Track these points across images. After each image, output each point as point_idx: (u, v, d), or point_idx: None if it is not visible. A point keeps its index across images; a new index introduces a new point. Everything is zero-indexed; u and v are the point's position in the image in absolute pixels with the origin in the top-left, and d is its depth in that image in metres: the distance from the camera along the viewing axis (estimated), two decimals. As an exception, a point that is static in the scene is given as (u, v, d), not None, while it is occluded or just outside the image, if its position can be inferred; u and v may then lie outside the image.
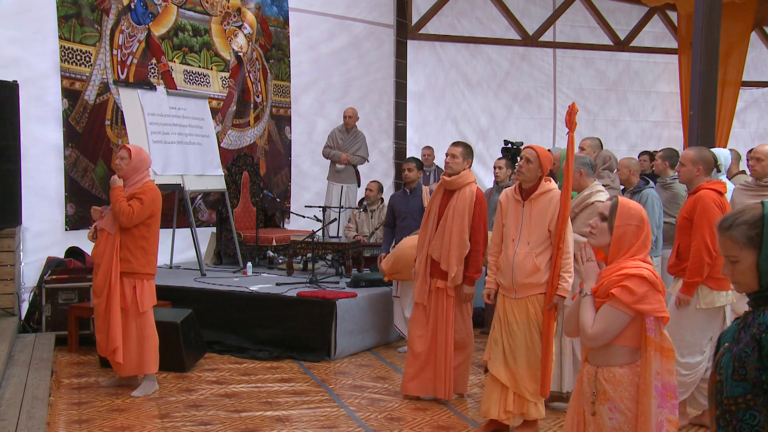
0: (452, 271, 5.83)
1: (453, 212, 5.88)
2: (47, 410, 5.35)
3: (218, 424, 5.43)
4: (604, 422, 3.31)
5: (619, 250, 3.35)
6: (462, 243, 5.85)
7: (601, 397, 3.32)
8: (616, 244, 3.35)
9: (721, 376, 2.40)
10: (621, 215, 3.36)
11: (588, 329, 3.27)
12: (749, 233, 2.41)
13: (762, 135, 14.75)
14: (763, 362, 2.31)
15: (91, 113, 8.89)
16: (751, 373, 2.32)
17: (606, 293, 3.28)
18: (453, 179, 5.92)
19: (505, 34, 13.76)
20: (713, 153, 5.68)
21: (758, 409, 2.30)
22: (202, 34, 10.30)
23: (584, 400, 3.40)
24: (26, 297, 7.93)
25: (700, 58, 8.03)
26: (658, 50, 14.39)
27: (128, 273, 5.90)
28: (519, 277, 5.20)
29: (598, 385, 3.33)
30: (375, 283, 7.97)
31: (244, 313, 7.63)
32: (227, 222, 9.56)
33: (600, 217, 3.41)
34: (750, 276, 2.42)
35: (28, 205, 7.89)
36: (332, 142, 10.65)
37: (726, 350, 2.42)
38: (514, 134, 12.38)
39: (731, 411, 2.37)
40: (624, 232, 3.35)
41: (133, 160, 5.95)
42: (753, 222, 2.42)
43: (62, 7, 8.59)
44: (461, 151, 5.96)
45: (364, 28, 12.60)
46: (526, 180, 5.30)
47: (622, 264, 3.31)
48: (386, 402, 6.03)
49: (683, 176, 5.44)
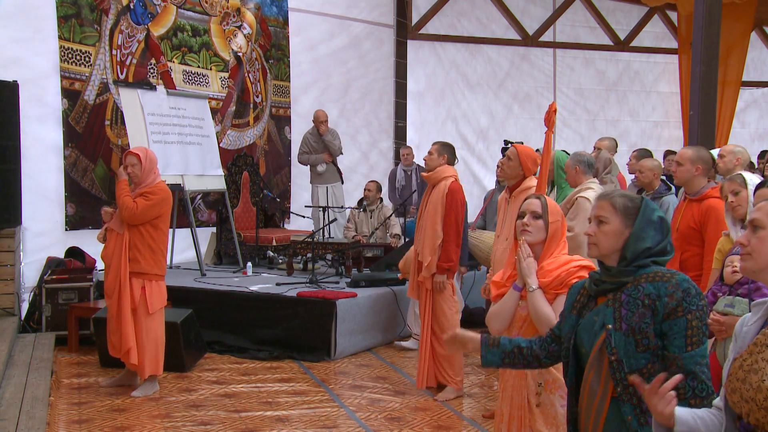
0: (425, 260, 6.05)
1: (429, 206, 6.15)
2: (47, 410, 5.35)
3: (218, 424, 5.43)
4: (556, 410, 3.38)
5: (552, 244, 3.53)
6: (434, 234, 6.07)
7: (551, 386, 3.41)
8: (552, 240, 3.53)
9: (616, 355, 2.57)
10: (552, 212, 3.55)
11: (553, 321, 3.33)
12: (627, 204, 2.69)
13: (762, 135, 14.76)
14: (657, 327, 2.55)
15: (91, 113, 8.89)
16: (653, 340, 2.55)
17: (563, 284, 3.38)
18: (429, 175, 6.22)
19: (505, 34, 13.75)
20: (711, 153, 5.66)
21: (655, 374, 2.41)
22: (201, 35, 10.30)
23: (529, 392, 3.47)
24: (26, 297, 7.93)
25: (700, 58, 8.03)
26: (658, 50, 14.39)
27: (137, 273, 5.89)
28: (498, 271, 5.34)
29: (545, 375, 3.42)
30: (375, 283, 7.98)
31: (244, 313, 7.63)
32: (227, 222, 9.55)
33: (532, 215, 3.55)
34: (611, 241, 2.68)
35: (28, 205, 7.89)
36: (307, 147, 10.58)
37: (612, 331, 2.59)
38: (514, 134, 12.38)
39: None
40: (557, 228, 3.54)
41: (144, 164, 5.93)
42: (633, 198, 2.73)
43: (62, 7, 8.59)
44: (437, 149, 6.25)
45: (364, 28, 12.60)
46: (507, 177, 5.57)
47: (566, 257, 3.50)
48: (386, 402, 6.03)
49: (681, 176, 5.30)
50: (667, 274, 2.62)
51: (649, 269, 2.66)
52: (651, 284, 2.60)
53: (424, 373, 6.14)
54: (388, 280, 8.03)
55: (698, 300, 2.57)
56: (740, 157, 6.10)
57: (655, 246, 2.68)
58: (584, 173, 5.79)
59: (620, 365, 2.58)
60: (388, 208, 9.80)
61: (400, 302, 7.89)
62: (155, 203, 5.88)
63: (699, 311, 2.56)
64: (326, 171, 10.56)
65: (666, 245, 2.72)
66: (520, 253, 3.54)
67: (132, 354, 5.88)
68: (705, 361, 2.56)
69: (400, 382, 6.58)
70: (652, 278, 2.62)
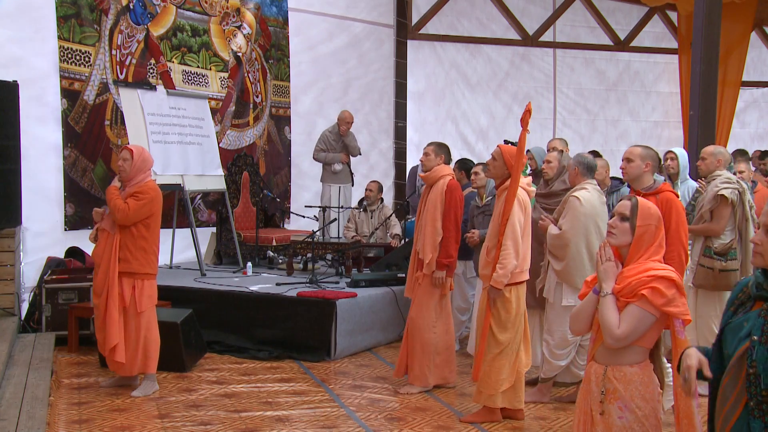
0: (427, 257, 6.13)
1: (428, 204, 6.23)
2: (47, 410, 5.35)
3: (218, 424, 5.42)
4: (614, 421, 3.30)
5: (639, 250, 3.34)
6: (434, 231, 6.15)
7: (611, 396, 3.31)
8: (637, 245, 3.34)
9: (755, 369, 2.43)
10: (642, 215, 3.36)
11: (615, 329, 3.24)
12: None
13: (762, 135, 14.76)
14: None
15: (91, 113, 8.88)
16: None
17: (634, 293, 3.25)
18: (427, 174, 6.33)
19: (505, 34, 13.76)
20: (657, 152, 5.71)
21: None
22: (200, 35, 10.30)
23: (592, 399, 3.39)
24: (26, 297, 7.93)
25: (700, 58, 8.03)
26: (658, 50, 14.39)
27: (127, 273, 5.90)
28: (479, 268, 5.73)
29: (607, 384, 3.33)
30: (375, 283, 7.98)
31: (244, 313, 7.63)
32: (227, 222, 9.55)
33: (620, 216, 3.40)
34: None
35: (28, 205, 7.89)
36: (325, 145, 10.58)
37: (756, 343, 2.45)
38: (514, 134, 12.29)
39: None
40: (645, 232, 3.34)
41: (136, 161, 5.94)
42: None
43: (61, 7, 8.59)
44: (433, 149, 6.37)
45: (364, 28, 12.59)
46: (493, 177, 5.76)
47: (646, 265, 3.30)
48: (386, 402, 6.03)
49: (631, 172, 5.33)
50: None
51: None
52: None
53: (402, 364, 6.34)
54: (388, 280, 8.04)
55: None
56: (721, 158, 6.24)
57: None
58: (583, 175, 5.83)
59: (757, 380, 2.45)
60: (388, 208, 9.80)
61: (400, 302, 7.89)
62: (146, 203, 5.88)
63: None
64: (341, 171, 10.59)
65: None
66: (598, 256, 3.41)
67: (116, 352, 5.88)
68: None
69: (400, 382, 6.58)
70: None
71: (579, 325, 3.47)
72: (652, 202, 5.23)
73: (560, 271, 5.72)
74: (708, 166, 6.26)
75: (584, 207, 5.64)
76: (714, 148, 6.37)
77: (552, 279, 5.83)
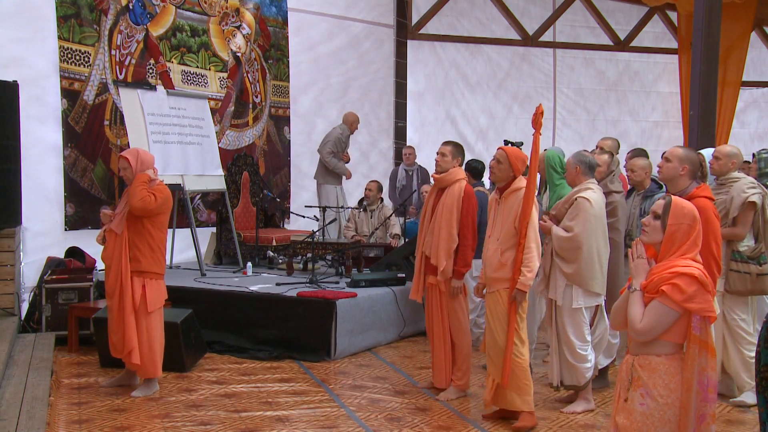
0: (441, 265, 5.96)
1: (442, 208, 6.03)
2: (47, 410, 5.35)
3: (218, 424, 5.42)
4: (635, 407, 3.41)
5: (670, 247, 3.44)
6: (450, 237, 5.96)
7: (635, 383, 3.43)
8: (668, 242, 3.44)
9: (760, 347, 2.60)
10: (674, 214, 3.45)
11: (637, 323, 3.36)
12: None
13: (762, 135, 14.76)
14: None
15: (90, 113, 8.88)
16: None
17: (656, 289, 3.36)
18: (442, 176, 6.10)
19: (505, 34, 13.76)
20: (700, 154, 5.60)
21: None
22: (200, 35, 10.30)
23: (622, 387, 3.52)
24: (26, 297, 7.93)
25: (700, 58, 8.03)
26: (658, 50, 14.39)
27: (137, 272, 5.90)
28: (489, 271, 5.53)
29: (633, 372, 3.45)
30: (375, 283, 7.98)
31: (244, 313, 7.63)
32: (227, 222, 9.55)
33: (653, 215, 3.50)
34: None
35: (28, 205, 7.89)
36: (338, 147, 10.59)
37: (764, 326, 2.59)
38: (514, 134, 12.37)
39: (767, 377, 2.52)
40: (676, 230, 3.44)
41: (135, 166, 5.94)
42: None
43: (61, 7, 8.59)
44: (450, 150, 6.13)
45: (364, 28, 12.60)
46: (498, 179, 5.61)
47: (674, 262, 3.40)
48: (386, 402, 6.02)
49: (667, 172, 5.24)
50: None
51: None
52: None
53: (448, 373, 6.15)
54: (388, 280, 8.03)
55: None
56: (734, 160, 6.09)
57: None
58: (584, 174, 5.77)
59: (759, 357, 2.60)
60: (388, 208, 9.80)
61: (400, 302, 7.89)
62: (162, 202, 5.90)
63: None
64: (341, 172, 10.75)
65: None
66: (631, 253, 3.54)
67: (134, 354, 5.88)
68: None
69: (400, 382, 6.58)
70: None
71: (617, 320, 3.59)
72: None
73: (572, 274, 5.59)
74: (722, 167, 6.07)
75: (594, 209, 5.59)
76: (729, 149, 6.15)
77: (560, 281, 5.69)
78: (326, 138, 10.67)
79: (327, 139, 10.65)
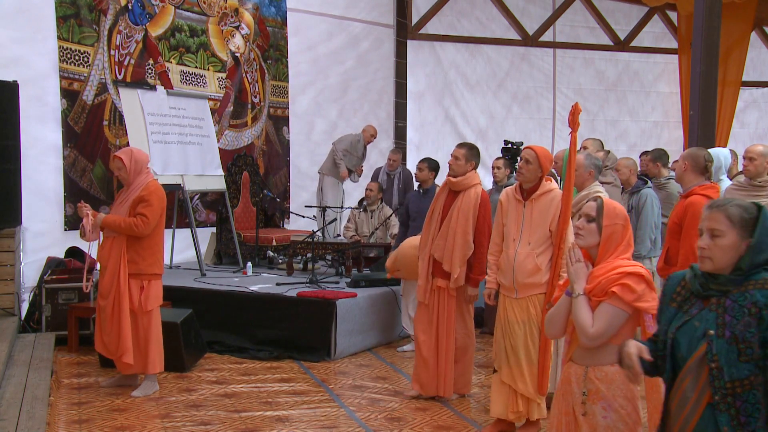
0: (455, 272, 5.81)
1: (457, 213, 5.86)
2: (47, 410, 5.34)
3: (218, 424, 5.42)
4: (598, 421, 3.30)
5: (608, 249, 3.38)
6: (466, 244, 5.83)
7: (594, 397, 3.31)
8: (605, 244, 3.38)
9: (716, 363, 2.50)
10: (608, 215, 3.40)
11: (588, 329, 3.26)
12: (743, 215, 2.58)
13: (761, 135, 14.75)
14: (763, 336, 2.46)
15: (89, 113, 8.88)
16: (757, 351, 2.45)
17: (605, 292, 3.28)
18: (458, 180, 5.91)
19: (505, 34, 13.76)
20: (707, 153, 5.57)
21: (757, 387, 2.46)
22: (199, 35, 10.30)
23: (574, 400, 3.38)
24: (26, 297, 7.92)
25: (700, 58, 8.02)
26: (658, 50, 14.39)
27: (136, 274, 5.89)
28: (520, 277, 5.19)
29: (589, 385, 3.33)
30: (375, 283, 7.97)
31: (244, 313, 7.63)
32: (227, 222, 9.55)
33: (586, 218, 3.43)
34: (728, 255, 2.57)
35: (28, 205, 7.89)
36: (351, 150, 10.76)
37: (713, 338, 2.52)
38: (513, 134, 12.37)
39: (736, 393, 2.48)
40: (612, 232, 3.38)
41: (129, 166, 5.92)
42: (749, 208, 2.60)
43: (61, 8, 8.59)
44: (464, 153, 5.93)
45: (364, 28, 12.59)
46: (527, 180, 5.31)
47: (614, 263, 3.34)
48: (386, 402, 6.02)
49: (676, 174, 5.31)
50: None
51: (758, 275, 2.55)
52: (759, 292, 2.50)
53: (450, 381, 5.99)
54: (388, 280, 8.02)
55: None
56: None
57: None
58: (595, 177, 5.80)
59: (720, 373, 2.51)
60: (388, 209, 9.78)
61: (400, 302, 7.89)
62: (156, 205, 5.88)
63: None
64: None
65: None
66: (568, 258, 3.44)
67: (128, 356, 5.87)
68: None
69: (400, 382, 6.58)
70: (762, 285, 2.52)
71: (554, 329, 3.49)
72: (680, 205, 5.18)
73: None
74: (757, 168, 5.80)
75: None
76: (763, 148, 5.91)
77: None
78: (344, 137, 10.92)
79: (344, 138, 10.88)
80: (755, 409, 2.49)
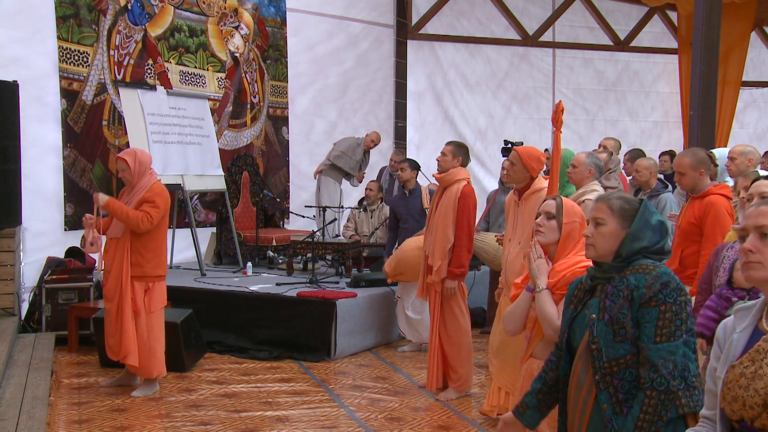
0: (436, 264, 5.93)
1: (440, 208, 6.01)
2: (47, 410, 5.34)
3: (218, 424, 5.42)
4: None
5: (566, 246, 3.53)
6: (445, 237, 5.94)
7: None
8: (565, 241, 3.54)
9: (597, 344, 2.66)
10: (567, 213, 3.55)
11: (555, 321, 3.34)
12: (624, 206, 2.77)
13: (761, 135, 14.75)
14: (634, 316, 2.62)
15: (89, 114, 8.88)
16: (630, 331, 2.63)
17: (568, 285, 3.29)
18: (442, 176, 6.07)
19: (505, 34, 13.74)
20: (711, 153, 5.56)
21: (634, 366, 2.62)
22: (198, 35, 10.29)
23: None
24: (26, 297, 7.92)
25: (700, 58, 8.02)
26: (658, 50, 14.37)
27: (140, 276, 5.88)
28: (510, 276, 5.23)
29: None
30: (375, 283, 7.97)
31: (244, 313, 7.63)
32: (227, 222, 9.55)
33: (546, 215, 3.57)
34: (609, 242, 2.75)
35: (28, 205, 7.88)
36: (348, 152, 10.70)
37: (595, 321, 2.68)
38: (513, 134, 12.37)
39: (613, 372, 2.63)
40: (571, 229, 3.54)
41: (133, 167, 5.91)
42: (631, 200, 2.81)
43: (60, 8, 8.58)
44: (451, 150, 6.09)
45: (363, 28, 12.58)
46: (513, 181, 5.47)
47: (575, 258, 3.47)
48: (386, 402, 6.02)
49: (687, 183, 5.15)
50: (649, 266, 2.67)
51: (636, 262, 2.71)
52: (633, 276, 2.67)
53: (433, 375, 6.09)
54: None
55: (677, 295, 2.61)
56: (752, 157, 5.90)
57: (652, 246, 2.73)
58: (595, 177, 5.80)
59: (600, 354, 2.65)
60: (388, 209, 9.77)
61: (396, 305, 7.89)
62: (161, 207, 5.88)
63: (675, 306, 2.60)
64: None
65: (664, 245, 2.76)
66: (531, 254, 3.55)
67: (132, 357, 5.87)
68: (673, 358, 2.58)
69: (400, 382, 6.58)
70: (636, 270, 2.68)
71: (514, 325, 3.63)
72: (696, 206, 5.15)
73: None
74: (738, 167, 5.81)
75: None
76: (743, 147, 5.98)
77: None
78: (345, 139, 10.92)
79: (345, 140, 10.88)
80: (632, 386, 2.63)
